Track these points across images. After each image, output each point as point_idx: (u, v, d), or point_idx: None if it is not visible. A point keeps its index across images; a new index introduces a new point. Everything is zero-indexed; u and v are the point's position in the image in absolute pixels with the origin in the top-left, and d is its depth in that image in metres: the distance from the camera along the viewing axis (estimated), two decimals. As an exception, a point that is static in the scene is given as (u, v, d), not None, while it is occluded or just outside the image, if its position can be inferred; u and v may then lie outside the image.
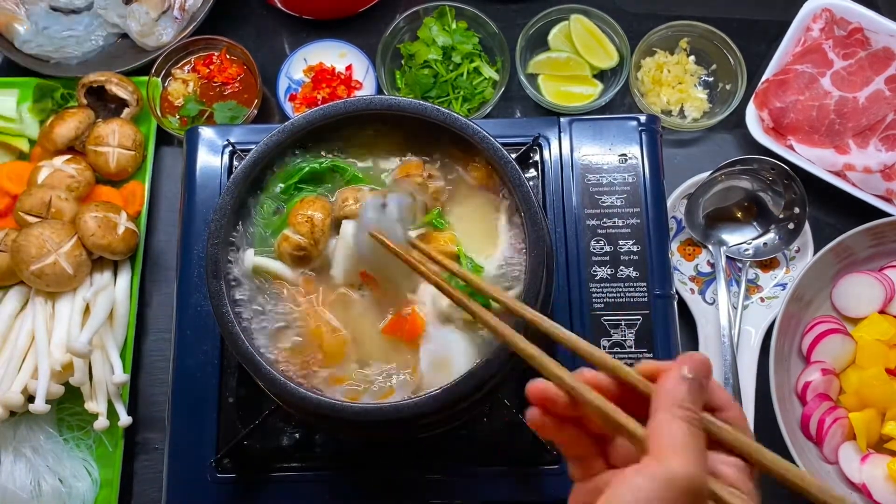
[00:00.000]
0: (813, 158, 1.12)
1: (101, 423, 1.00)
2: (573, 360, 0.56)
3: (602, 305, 0.89)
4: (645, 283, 0.90)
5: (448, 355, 0.75)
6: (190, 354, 0.89)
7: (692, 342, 1.07)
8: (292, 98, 1.19)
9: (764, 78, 1.15)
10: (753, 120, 1.14)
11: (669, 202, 1.09)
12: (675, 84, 1.19)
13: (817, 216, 1.13)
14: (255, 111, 1.16)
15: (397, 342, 0.77)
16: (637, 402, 0.50)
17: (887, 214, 1.08)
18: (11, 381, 0.98)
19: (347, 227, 0.79)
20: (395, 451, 0.87)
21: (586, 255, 0.91)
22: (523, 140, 0.94)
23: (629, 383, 0.51)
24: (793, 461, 0.94)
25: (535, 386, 0.53)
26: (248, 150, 0.81)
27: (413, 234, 0.77)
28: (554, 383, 0.52)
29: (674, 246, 1.12)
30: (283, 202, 0.81)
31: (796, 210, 1.07)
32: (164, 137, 1.19)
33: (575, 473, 0.54)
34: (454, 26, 1.19)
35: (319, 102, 1.17)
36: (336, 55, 1.21)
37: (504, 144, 0.78)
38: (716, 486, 0.46)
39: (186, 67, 1.21)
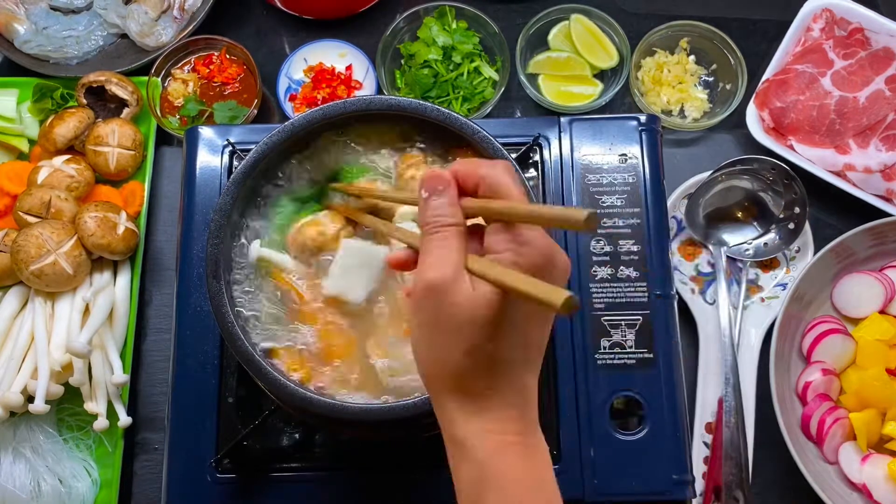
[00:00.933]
0: (813, 158, 1.12)
1: (101, 423, 1.00)
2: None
3: (602, 305, 0.89)
4: (645, 284, 0.89)
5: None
6: (190, 354, 0.89)
7: (692, 342, 1.07)
8: (292, 98, 1.19)
9: (764, 78, 1.15)
10: (753, 120, 1.14)
11: (669, 202, 1.09)
12: (676, 84, 1.19)
13: (817, 216, 1.13)
14: (255, 111, 1.16)
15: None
16: None
17: (887, 214, 1.07)
18: (11, 382, 0.98)
19: (348, 244, 0.79)
20: (396, 451, 0.87)
21: (586, 255, 0.91)
22: (523, 140, 0.94)
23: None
24: (793, 461, 0.94)
25: (392, 258, 0.61)
26: (248, 150, 0.81)
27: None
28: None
29: (674, 246, 1.12)
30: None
31: (797, 210, 1.07)
32: (164, 137, 1.19)
33: None
34: (454, 26, 1.19)
35: (319, 102, 1.17)
36: (336, 55, 1.21)
37: (504, 144, 0.78)
38: (474, 262, 0.52)
39: (186, 67, 1.21)
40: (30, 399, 0.97)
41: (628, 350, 0.88)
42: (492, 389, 0.52)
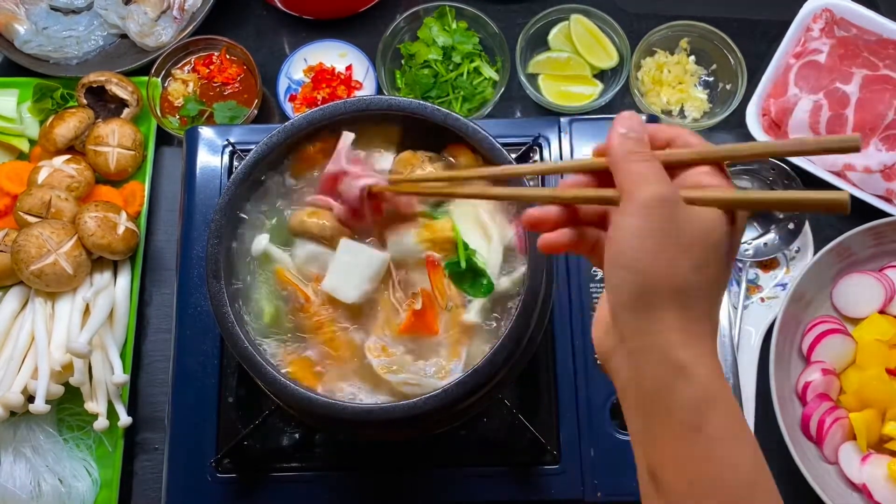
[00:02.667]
0: (813, 158, 1.12)
1: (101, 423, 1.00)
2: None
3: (602, 305, 0.89)
4: (645, 283, 0.89)
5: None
6: (190, 354, 0.89)
7: (692, 342, 1.07)
8: (292, 98, 1.19)
9: (764, 78, 1.15)
10: (753, 120, 1.14)
11: (669, 202, 1.09)
12: (675, 84, 1.19)
13: (817, 216, 1.13)
14: (255, 111, 1.16)
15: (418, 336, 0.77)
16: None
17: (887, 214, 1.08)
18: (11, 382, 0.98)
19: (346, 243, 0.79)
20: (395, 451, 0.87)
21: (586, 255, 0.91)
22: (523, 140, 0.94)
23: (595, 169, 0.57)
24: (793, 461, 0.94)
25: (528, 213, 0.58)
26: (249, 151, 0.81)
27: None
28: (541, 202, 0.58)
29: (674, 246, 1.12)
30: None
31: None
32: (164, 137, 1.19)
33: (583, 250, 0.59)
34: (454, 26, 1.19)
35: (319, 102, 1.17)
36: (336, 55, 1.21)
37: (504, 144, 0.78)
38: (690, 192, 0.52)
39: (186, 67, 1.21)
40: (30, 399, 0.97)
41: (628, 350, 0.87)
42: (709, 315, 0.52)
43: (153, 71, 1.18)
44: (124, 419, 1.01)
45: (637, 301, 0.51)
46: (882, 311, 1.05)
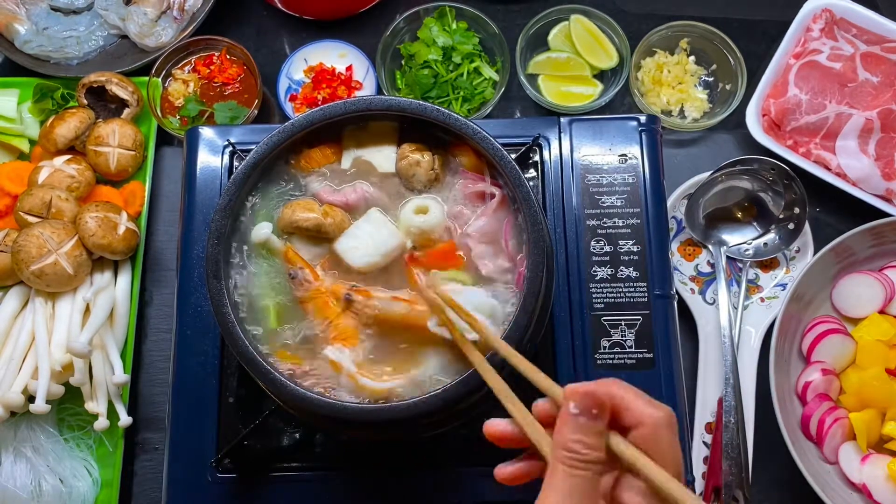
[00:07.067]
0: (857, 181, 1.11)
1: (102, 423, 1.00)
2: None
3: (602, 305, 0.89)
4: (645, 284, 0.90)
5: None
6: (190, 354, 0.89)
7: (692, 342, 1.07)
8: (293, 98, 1.19)
9: (764, 78, 1.15)
10: (753, 120, 1.14)
11: (669, 202, 1.10)
12: (675, 84, 1.19)
13: (817, 216, 1.13)
14: (256, 111, 1.16)
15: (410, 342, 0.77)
16: None
17: (887, 214, 1.08)
18: (12, 382, 0.98)
19: (373, 214, 0.80)
20: (395, 451, 0.87)
21: (586, 255, 0.91)
22: (523, 140, 0.94)
23: None
24: (793, 461, 0.94)
25: (491, 429, 0.57)
26: (249, 151, 0.81)
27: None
28: (512, 417, 0.57)
29: (674, 246, 1.12)
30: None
31: (796, 210, 1.07)
32: (164, 138, 1.20)
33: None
34: (454, 27, 1.20)
35: (320, 103, 1.17)
36: (336, 55, 1.21)
37: (504, 144, 0.78)
38: None
39: (187, 68, 1.21)
40: (30, 399, 0.97)
41: (628, 350, 0.88)
42: None
43: (153, 71, 1.18)
44: (124, 419, 1.01)
45: None
46: (882, 311, 1.05)
